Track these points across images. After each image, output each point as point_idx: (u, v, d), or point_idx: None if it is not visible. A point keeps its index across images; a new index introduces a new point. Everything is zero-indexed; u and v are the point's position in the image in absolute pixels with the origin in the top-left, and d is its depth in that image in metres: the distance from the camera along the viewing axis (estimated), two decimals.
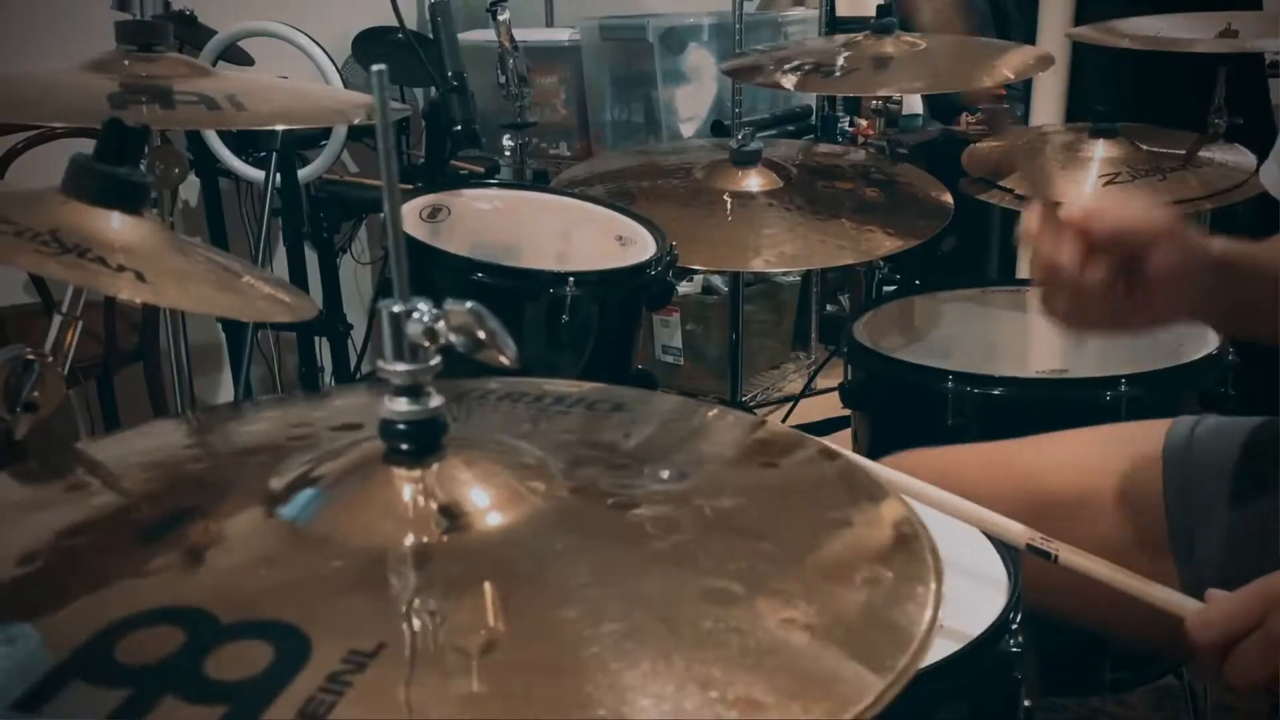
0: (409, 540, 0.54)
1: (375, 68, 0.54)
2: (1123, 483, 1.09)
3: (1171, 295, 0.94)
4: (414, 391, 0.56)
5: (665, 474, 0.64)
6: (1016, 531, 0.93)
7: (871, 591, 0.54)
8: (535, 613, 0.50)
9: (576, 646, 0.48)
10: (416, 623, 0.50)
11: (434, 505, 0.56)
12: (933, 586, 0.53)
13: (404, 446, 0.57)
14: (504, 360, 0.56)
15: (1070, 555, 0.90)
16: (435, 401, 0.57)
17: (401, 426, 0.57)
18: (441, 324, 0.55)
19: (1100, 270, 0.91)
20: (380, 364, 0.56)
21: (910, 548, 0.57)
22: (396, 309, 0.55)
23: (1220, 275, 0.95)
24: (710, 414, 0.75)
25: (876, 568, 0.56)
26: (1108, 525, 1.07)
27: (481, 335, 0.55)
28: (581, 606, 0.50)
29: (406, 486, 0.57)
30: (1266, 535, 1.00)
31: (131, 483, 0.67)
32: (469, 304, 0.56)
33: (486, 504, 0.57)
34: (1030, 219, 0.95)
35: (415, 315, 0.55)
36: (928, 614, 0.51)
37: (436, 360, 0.56)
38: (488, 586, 0.52)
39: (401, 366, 0.56)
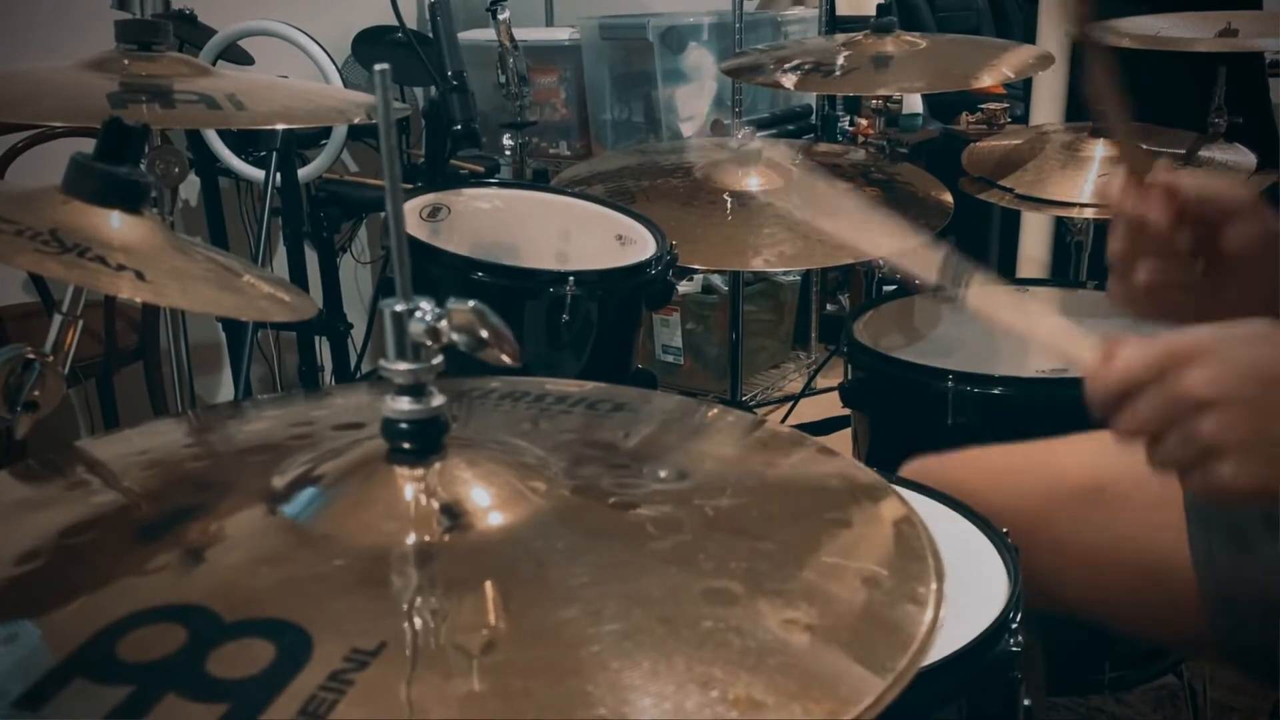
0: (410, 539, 0.54)
1: (379, 67, 0.54)
2: (1145, 490, 1.08)
3: (1246, 281, 0.90)
4: (416, 390, 0.56)
5: (663, 473, 0.65)
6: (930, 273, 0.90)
7: (872, 592, 0.54)
8: (536, 612, 0.50)
9: (577, 646, 0.48)
10: (418, 621, 0.50)
11: (435, 504, 0.56)
12: (933, 587, 0.53)
13: (406, 446, 0.57)
14: (506, 359, 0.56)
15: (976, 295, 0.87)
16: (437, 401, 0.57)
17: (404, 425, 0.57)
18: (444, 323, 0.55)
19: (1183, 237, 0.88)
20: (382, 363, 0.56)
21: (910, 547, 0.57)
22: (399, 308, 0.55)
23: None
24: (710, 414, 0.75)
25: (876, 568, 0.56)
26: (1129, 515, 1.06)
27: (484, 334, 0.55)
28: (582, 606, 0.50)
29: (408, 486, 0.57)
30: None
31: (133, 481, 0.67)
32: (471, 303, 0.56)
33: (488, 503, 0.57)
34: (1115, 184, 0.91)
35: (418, 314, 0.55)
36: (928, 614, 0.51)
37: (439, 359, 0.56)
38: (489, 586, 0.52)
39: (404, 366, 0.56)
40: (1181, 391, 0.74)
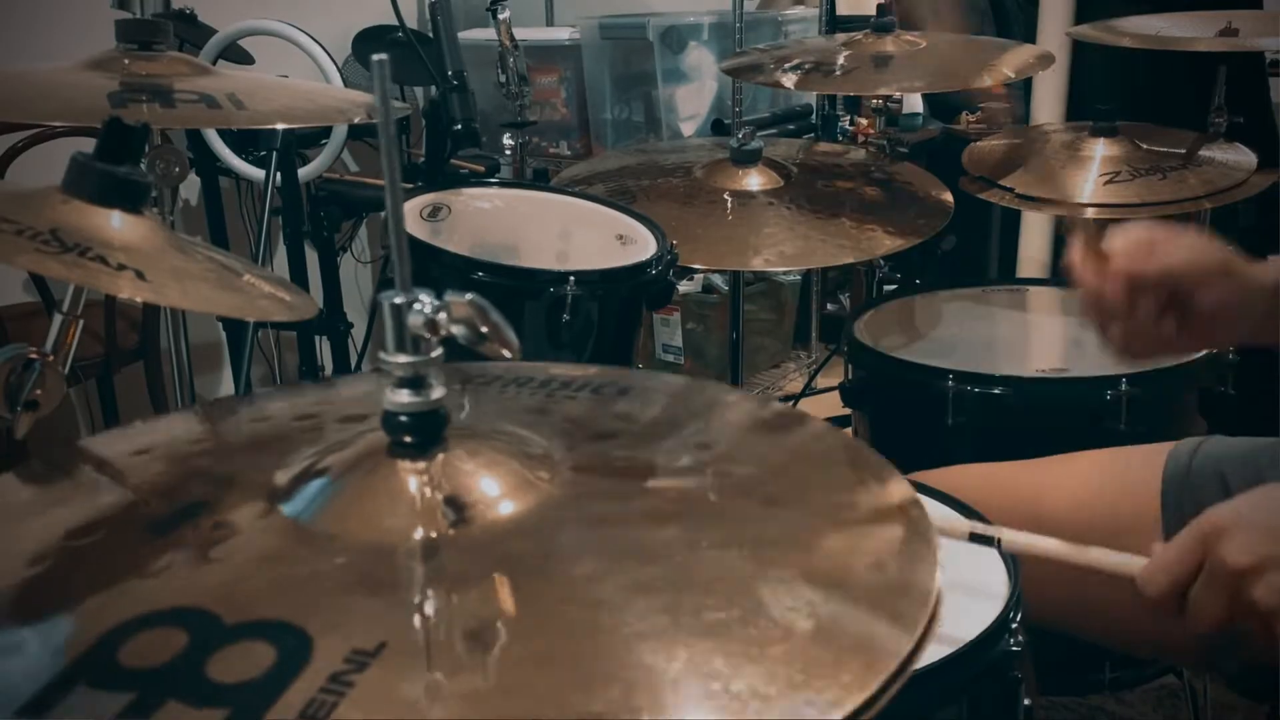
0: (417, 534, 0.54)
1: (376, 57, 0.54)
2: (1120, 512, 1.08)
3: (1227, 326, 0.96)
4: (416, 383, 0.56)
5: (670, 461, 0.64)
6: (959, 527, 0.93)
7: (877, 577, 0.53)
8: (543, 604, 0.50)
9: (584, 637, 0.48)
10: (423, 617, 0.50)
11: (440, 497, 0.56)
12: (937, 581, 0.53)
13: (407, 439, 0.57)
14: (506, 353, 0.56)
15: (1013, 536, 0.90)
16: (437, 393, 0.57)
17: (404, 418, 0.57)
18: (443, 315, 0.55)
19: (1149, 307, 0.92)
20: (382, 355, 0.56)
21: (917, 531, 0.57)
22: (398, 300, 0.55)
23: (1277, 299, 0.94)
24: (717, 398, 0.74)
25: (882, 554, 0.56)
26: (1111, 539, 1.06)
27: (483, 327, 0.55)
28: (589, 597, 0.50)
29: (411, 479, 0.56)
30: None
31: (136, 477, 0.67)
32: (470, 296, 0.56)
33: (493, 494, 0.57)
34: (1075, 251, 0.95)
35: (417, 307, 0.55)
36: (929, 608, 0.51)
37: (438, 352, 0.56)
38: (496, 579, 0.52)
39: (403, 358, 0.56)
40: (1223, 568, 0.78)
